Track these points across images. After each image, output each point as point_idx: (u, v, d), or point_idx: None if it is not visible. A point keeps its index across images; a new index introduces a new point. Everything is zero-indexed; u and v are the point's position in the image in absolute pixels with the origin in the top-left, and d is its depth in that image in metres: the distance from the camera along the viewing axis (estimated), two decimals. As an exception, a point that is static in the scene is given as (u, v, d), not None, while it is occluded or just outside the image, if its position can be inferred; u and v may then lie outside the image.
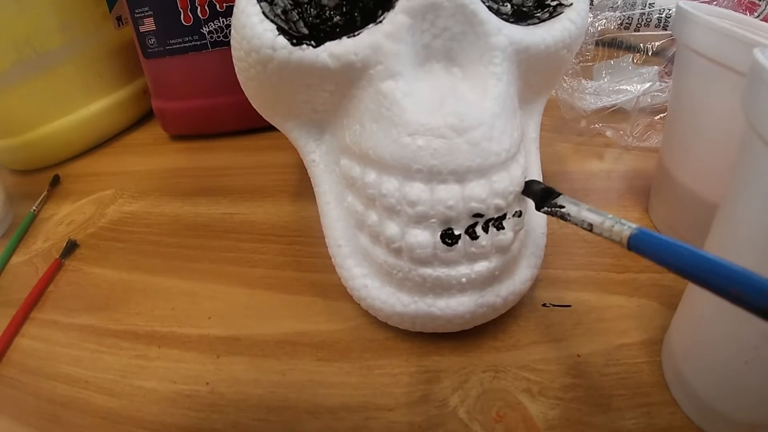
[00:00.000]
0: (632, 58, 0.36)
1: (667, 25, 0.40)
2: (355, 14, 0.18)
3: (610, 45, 0.39)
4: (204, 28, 0.34)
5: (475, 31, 0.17)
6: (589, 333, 0.20)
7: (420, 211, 0.16)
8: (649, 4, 0.40)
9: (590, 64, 0.36)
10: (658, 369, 0.18)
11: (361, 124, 0.18)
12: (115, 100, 0.40)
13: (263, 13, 0.18)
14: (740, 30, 0.18)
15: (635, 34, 0.39)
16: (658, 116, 0.32)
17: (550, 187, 0.17)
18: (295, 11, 0.18)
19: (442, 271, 0.17)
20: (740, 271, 0.10)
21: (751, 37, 0.17)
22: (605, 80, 0.36)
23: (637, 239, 0.13)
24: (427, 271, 0.17)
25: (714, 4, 0.32)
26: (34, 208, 0.32)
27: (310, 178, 0.22)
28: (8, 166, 0.39)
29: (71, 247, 0.28)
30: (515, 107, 0.18)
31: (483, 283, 0.18)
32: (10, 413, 0.20)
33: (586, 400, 0.17)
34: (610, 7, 0.38)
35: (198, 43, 0.35)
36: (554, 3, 0.20)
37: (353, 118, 0.19)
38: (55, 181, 0.35)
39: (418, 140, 0.16)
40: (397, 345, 0.20)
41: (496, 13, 0.18)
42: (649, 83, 0.34)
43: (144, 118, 0.44)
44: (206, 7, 0.34)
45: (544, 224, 0.21)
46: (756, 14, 0.39)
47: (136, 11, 0.35)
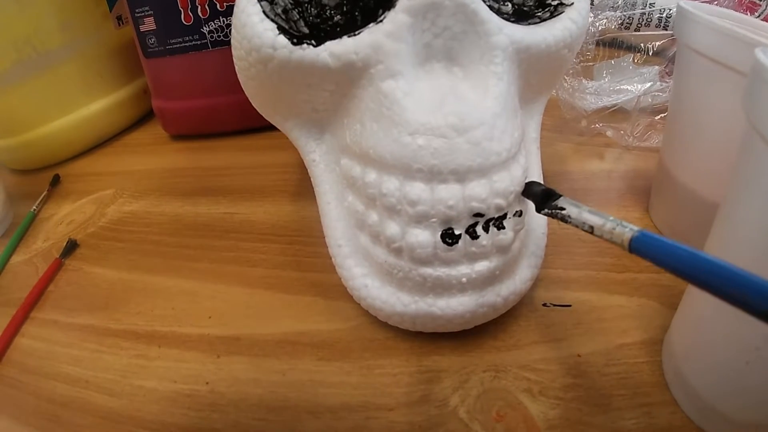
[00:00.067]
0: (633, 58, 0.36)
1: (667, 25, 0.40)
2: (356, 13, 0.18)
3: (611, 45, 0.39)
4: (204, 28, 0.34)
5: (475, 30, 0.17)
6: (589, 333, 0.20)
7: (420, 211, 0.16)
8: (650, 3, 0.40)
9: (591, 63, 0.36)
10: (658, 369, 0.18)
11: (362, 123, 0.18)
12: (115, 100, 0.40)
13: (264, 12, 0.18)
14: (741, 30, 0.18)
15: (636, 33, 0.39)
16: (659, 116, 0.32)
17: (550, 188, 0.17)
18: (296, 10, 0.18)
19: (442, 271, 0.17)
20: (743, 274, 0.10)
21: (752, 37, 0.17)
22: (606, 80, 0.36)
23: (639, 242, 0.12)
24: (427, 270, 0.17)
25: (715, 3, 0.32)
26: (34, 207, 0.32)
27: (311, 178, 0.22)
28: (8, 166, 0.39)
29: (71, 247, 0.28)
30: (516, 107, 0.18)
31: (483, 282, 0.18)
32: (10, 413, 0.20)
33: (587, 400, 0.17)
34: (611, 7, 0.38)
35: (198, 42, 0.35)
36: (555, 2, 0.20)
37: (354, 118, 0.19)
38: (55, 181, 0.35)
39: (419, 140, 0.16)
40: (397, 345, 0.20)
41: (497, 12, 0.18)
42: (650, 83, 0.34)
43: (144, 117, 0.44)
44: (206, 7, 0.34)
45: (545, 224, 0.21)
46: (757, 14, 0.39)
47: (137, 11, 0.35)
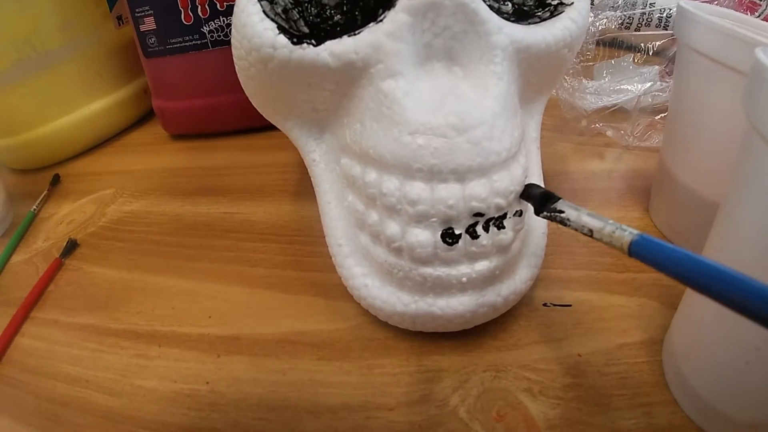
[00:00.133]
0: (633, 58, 0.36)
1: (667, 25, 0.40)
2: (356, 13, 0.18)
3: (611, 44, 0.39)
4: (204, 28, 0.34)
5: (476, 30, 0.17)
6: (589, 333, 0.20)
7: (420, 211, 0.16)
8: (650, 3, 0.40)
9: (591, 63, 0.36)
10: (658, 369, 0.18)
11: (362, 123, 0.18)
12: (115, 100, 0.40)
13: (264, 12, 0.18)
14: (741, 30, 0.18)
15: (636, 33, 0.39)
16: (659, 116, 0.32)
17: (549, 191, 0.17)
18: (296, 10, 0.18)
19: (442, 271, 0.17)
20: (743, 279, 0.10)
21: (752, 37, 0.17)
22: (606, 80, 0.36)
23: (638, 245, 0.12)
24: (427, 270, 0.17)
25: (715, 3, 0.32)
26: (34, 207, 0.32)
27: (311, 178, 0.22)
28: (8, 166, 0.39)
29: (71, 247, 0.28)
30: (516, 106, 0.18)
31: (483, 282, 0.18)
32: (10, 412, 0.20)
33: (587, 400, 0.17)
34: (611, 7, 0.38)
35: (198, 42, 0.35)
36: (555, 2, 0.20)
37: (354, 117, 0.19)
38: (56, 181, 0.35)
39: (419, 139, 0.16)
40: (397, 344, 0.20)
41: (497, 12, 0.18)
42: (650, 83, 0.34)
43: (144, 117, 0.44)
44: (207, 6, 0.34)
45: (545, 224, 0.21)
46: (757, 14, 0.39)
47: (137, 10, 0.35)
